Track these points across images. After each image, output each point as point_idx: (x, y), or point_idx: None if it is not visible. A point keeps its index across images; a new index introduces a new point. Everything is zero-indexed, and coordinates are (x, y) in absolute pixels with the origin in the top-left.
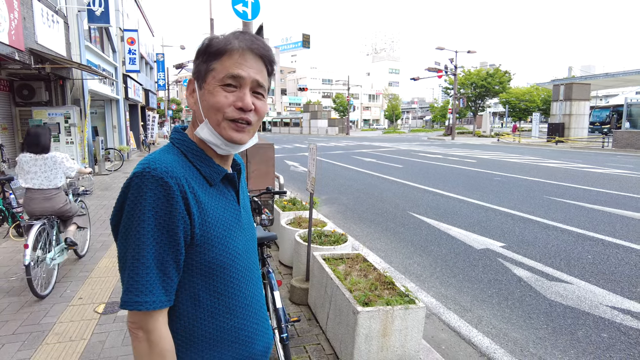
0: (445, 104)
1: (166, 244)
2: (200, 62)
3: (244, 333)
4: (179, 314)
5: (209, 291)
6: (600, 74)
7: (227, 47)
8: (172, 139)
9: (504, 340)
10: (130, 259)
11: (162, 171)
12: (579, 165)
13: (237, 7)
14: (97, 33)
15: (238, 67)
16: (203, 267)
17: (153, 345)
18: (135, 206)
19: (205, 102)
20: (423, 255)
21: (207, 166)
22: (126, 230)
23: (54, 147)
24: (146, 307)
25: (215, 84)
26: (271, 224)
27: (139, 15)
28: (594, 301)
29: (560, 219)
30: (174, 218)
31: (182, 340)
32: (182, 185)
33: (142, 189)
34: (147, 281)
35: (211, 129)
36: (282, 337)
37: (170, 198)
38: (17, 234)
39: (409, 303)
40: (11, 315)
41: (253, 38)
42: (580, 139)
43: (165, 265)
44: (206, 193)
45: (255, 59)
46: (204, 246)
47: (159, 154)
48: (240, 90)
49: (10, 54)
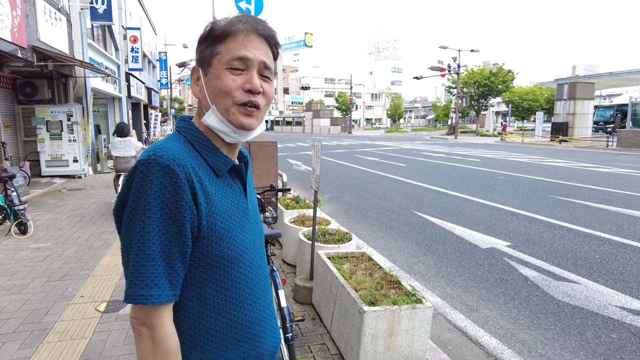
0: (448, 103)
1: (172, 234)
2: (204, 47)
3: (251, 331)
4: (184, 311)
5: (215, 286)
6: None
7: (231, 29)
8: (178, 127)
9: (512, 341)
10: (135, 249)
11: (169, 158)
12: (583, 165)
13: (241, 5)
14: (100, 31)
15: (244, 48)
16: (209, 261)
17: (157, 342)
18: (140, 194)
19: (212, 87)
20: (428, 255)
21: (214, 156)
22: (130, 219)
23: (57, 144)
24: (152, 300)
25: (222, 67)
26: (275, 221)
27: (142, 14)
28: (603, 301)
29: (566, 218)
30: (180, 207)
31: (187, 338)
32: (189, 173)
33: (147, 177)
34: (152, 273)
35: (219, 116)
36: (287, 337)
37: (177, 186)
38: (19, 232)
39: (416, 303)
40: (12, 314)
41: (257, 19)
42: (584, 138)
43: (171, 257)
44: (213, 184)
45: (261, 40)
46: (210, 239)
47: (165, 142)
48: (247, 73)
49: (13, 51)
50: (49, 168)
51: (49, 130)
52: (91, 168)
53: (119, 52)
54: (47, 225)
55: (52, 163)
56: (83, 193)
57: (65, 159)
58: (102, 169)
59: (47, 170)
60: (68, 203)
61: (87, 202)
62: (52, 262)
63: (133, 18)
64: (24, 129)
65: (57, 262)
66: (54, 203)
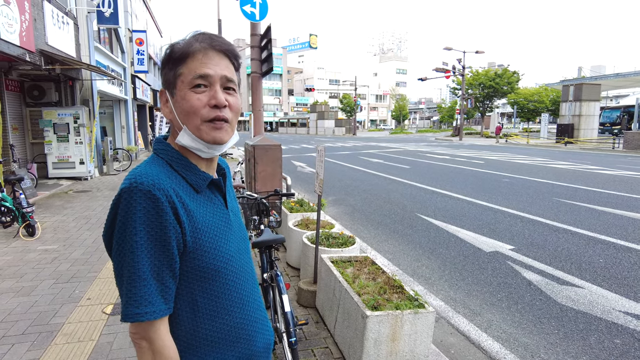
0: (453, 105)
1: (160, 254)
2: (167, 69)
3: (244, 332)
4: (179, 320)
5: (206, 295)
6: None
7: (189, 50)
8: (155, 150)
9: (514, 345)
10: (127, 272)
11: (149, 184)
12: (588, 167)
13: (245, 8)
14: (106, 34)
15: (204, 66)
16: (198, 273)
17: (157, 353)
18: (126, 221)
19: (179, 108)
20: (431, 258)
21: (192, 174)
22: (119, 245)
23: (64, 146)
24: (147, 317)
25: (186, 88)
26: (279, 226)
27: (148, 16)
28: (607, 306)
29: (571, 222)
30: (165, 229)
31: (184, 344)
32: (169, 196)
33: (131, 204)
34: (145, 292)
35: (191, 135)
36: (291, 342)
37: (159, 210)
38: (27, 234)
39: (418, 307)
40: (21, 315)
41: (213, 36)
42: (590, 140)
43: (161, 275)
44: (194, 200)
45: (219, 55)
46: (196, 252)
47: (144, 167)
48: (211, 89)
49: (21, 55)
50: (55, 170)
51: (56, 132)
52: (97, 170)
53: (124, 54)
54: (55, 227)
55: (58, 165)
56: (89, 195)
57: (72, 161)
58: (108, 170)
59: (54, 172)
60: (75, 205)
61: (94, 204)
62: (59, 264)
63: (139, 21)
64: (32, 131)
65: (64, 264)
66: (61, 205)
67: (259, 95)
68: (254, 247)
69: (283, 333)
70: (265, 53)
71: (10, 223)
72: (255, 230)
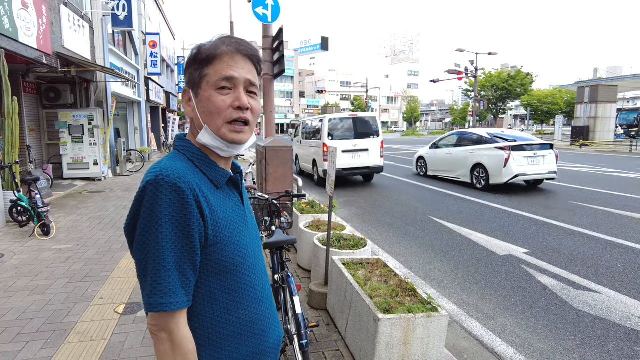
0: (465, 107)
1: (184, 246)
2: (193, 70)
3: (258, 327)
4: (197, 314)
5: (223, 289)
6: (628, 75)
7: (216, 52)
8: (176, 146)
9: (529, 351)
10: (152, 263)
11: (175, 177)
12: (605, 170)
13: (258, 10)
14: (120, 37)
15: (230, 69)
16: (217, 266)
17: (176, 345)
18: (152, 212)
19: (203, 107)
20: (444, 261)
21: (213, 170)
22: (144, 236)
23: (78, 147)
24: (171, 307)
25: (211, 89)
26: (290, 227)
27: (161, 19)
28: (626, 312)
29: (587, 225)
30: (189, 222)
31: (201, 338)
32: (194, 189)
33: (157, 196)
34: (169, 283)
35: (212, 134)
36: (302, 344)
37: (184, 202)
38: (42, 233)
39: (431, 311)
40: (36, 313)
41: (240, 41)
42: (606, 143)
43: (184, 267)
44: (215, 196)
45: (245, 59)
46: (217, 246)
47: (168, 162)
48: (235, 91)
49: (38, 57)
50: (70, 171)
51: (71, 133)
52: (110, 171)
53: (138, 57)
54: (69, 227)
55: (73, 166)
56: (103, 195)
57: (86, 162)
58: (121, 171)
59: (68, 172)
60: (88, 205)
61: (107, 204)
62: (73, 263)
63: (152, 23)
64: (48, 132)
65: (78, 264)
66: (75, 205)
67: (270, 97)
68: (265, 248)
69: (294, 335)
70: (277, 55)
71: (27, 222)
72: (266, 231)
